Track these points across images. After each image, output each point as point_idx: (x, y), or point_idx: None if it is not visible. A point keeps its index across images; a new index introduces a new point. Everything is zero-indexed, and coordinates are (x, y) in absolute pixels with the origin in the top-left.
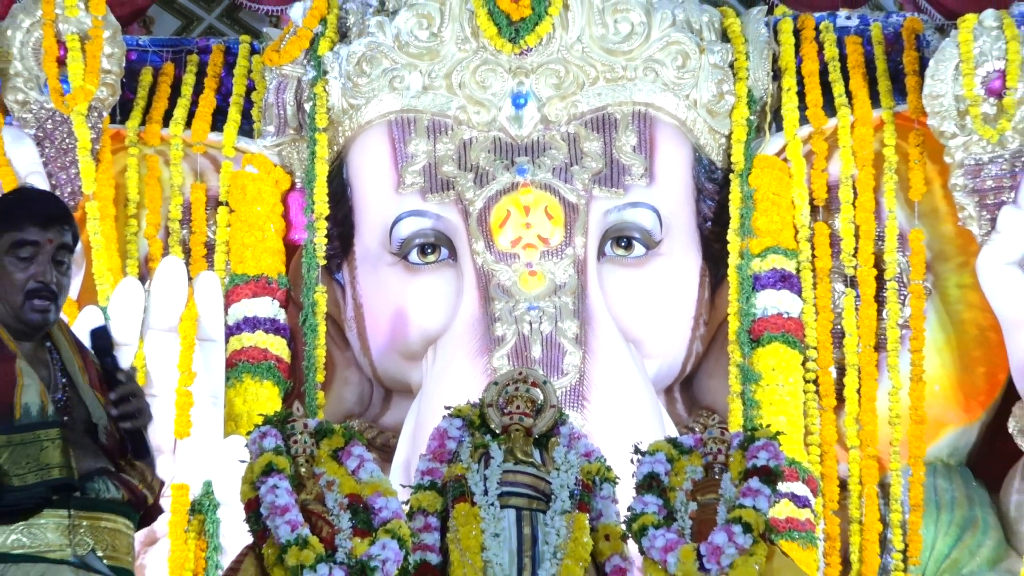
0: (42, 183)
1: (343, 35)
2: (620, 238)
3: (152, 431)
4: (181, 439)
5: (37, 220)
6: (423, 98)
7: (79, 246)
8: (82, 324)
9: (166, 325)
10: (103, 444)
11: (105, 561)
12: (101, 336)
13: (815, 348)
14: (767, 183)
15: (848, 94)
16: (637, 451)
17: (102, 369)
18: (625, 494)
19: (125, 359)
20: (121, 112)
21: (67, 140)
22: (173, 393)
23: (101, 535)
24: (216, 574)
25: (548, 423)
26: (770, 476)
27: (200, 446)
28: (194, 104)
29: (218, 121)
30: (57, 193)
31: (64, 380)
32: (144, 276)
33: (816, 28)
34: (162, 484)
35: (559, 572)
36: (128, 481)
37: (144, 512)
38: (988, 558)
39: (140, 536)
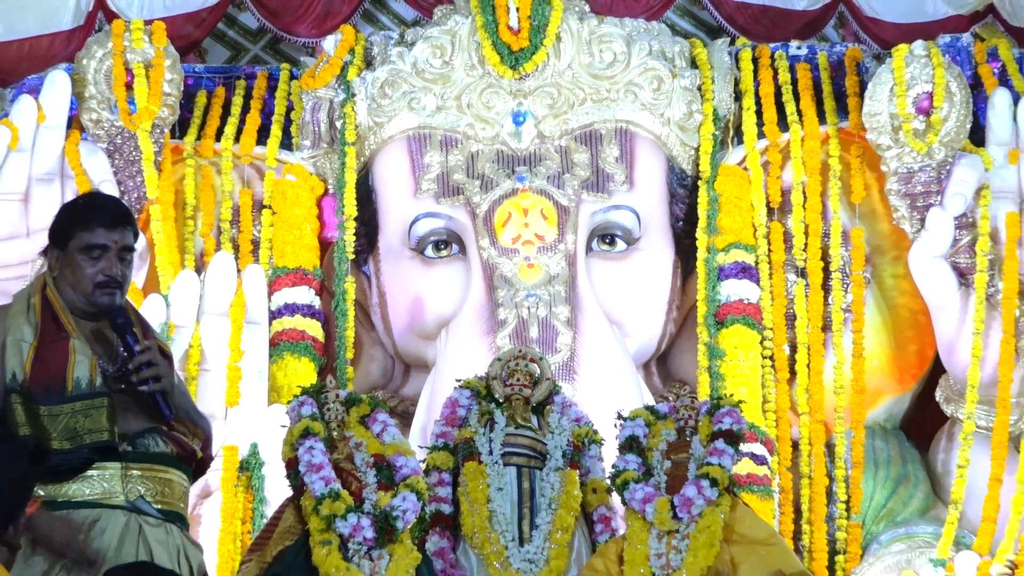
0: (112, 190)
1: (368, 63)
2: (605, 235)
3: (205, 397)
4: (231, 407)
5: (104, 222)
6: (437, 116)
7: (143, 242)
8: (146, 311)
9: (218, 310)
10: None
11: (157, 505)
12: (116, 314)
13: (771, 329)
14: (730, 188)
15: (799, 112)
16: (620, 417)
17: (124, 345)
18: (609, 454)
19: (183, 339)
20: (179, 129)
21: (134, 153)
22: (224, 368)
23: (153, 483)
24: (261, 522)
25: (544, 393)
26: (733, 438)
27: (247, 413)
28: (242, 122)
29: (262, 136)
30: (125, 198)
31: (123, 358)
32: (199, 269)
33: (771, 56)
34: (210, 446)
35: (553, 520)
36: (178, 438)
37: (197, 464)
38: (919, 508)
39: (195, 490)
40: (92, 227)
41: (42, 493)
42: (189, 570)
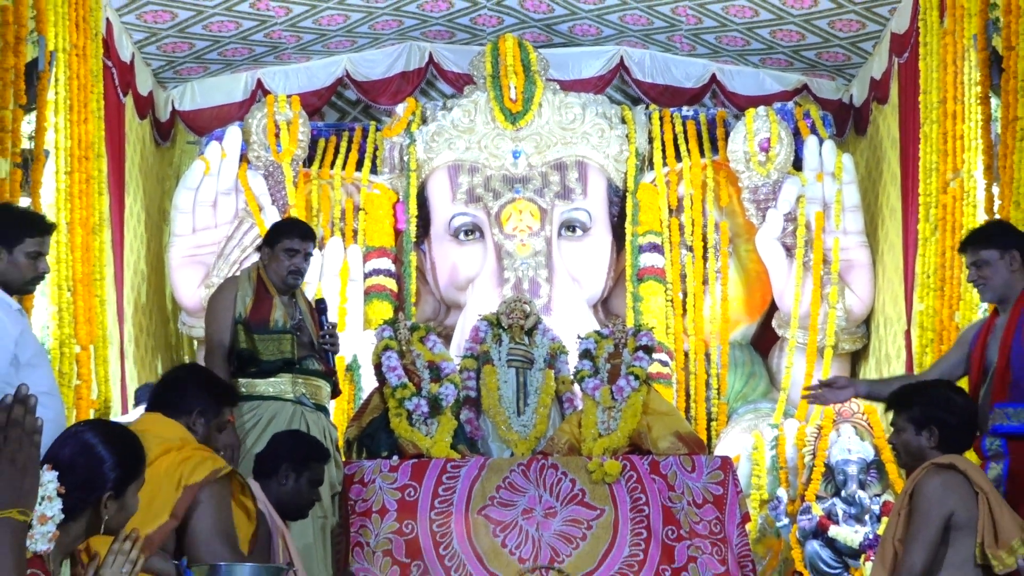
0: (267, 200)
1: (424, 120)
2: (569, 226)
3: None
4: (341, 332)
5: (299, 235)
6: (466, 154)
7: None
8: None
9: (332, 273)
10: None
11: (312, 400)
12: (320, 303)
13: (671, 283)
14: (646, 197)
15: (688, 150)
16: (579, 337)
17: (318, 321)
18: (572, 359)
19: (310, 292)
20: (308, 161)
21: (280, 176)
22: (336, 308)
23: (311, 388)
24: (358, 402)
25: (532, 323)
26: (648, 350)
27: (351, 336)
28: (346, 157)
29: (359, 166)
30: (275, 205)
31: (300, 317)
32: (320, 247)
33: (671, 116)
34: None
35: (538, 401)
36: (326, 362)
37: (333, 387)
38: (762, 392)
39: None
40: (293, 237)
41: (244, 389)
42: (331, 441)
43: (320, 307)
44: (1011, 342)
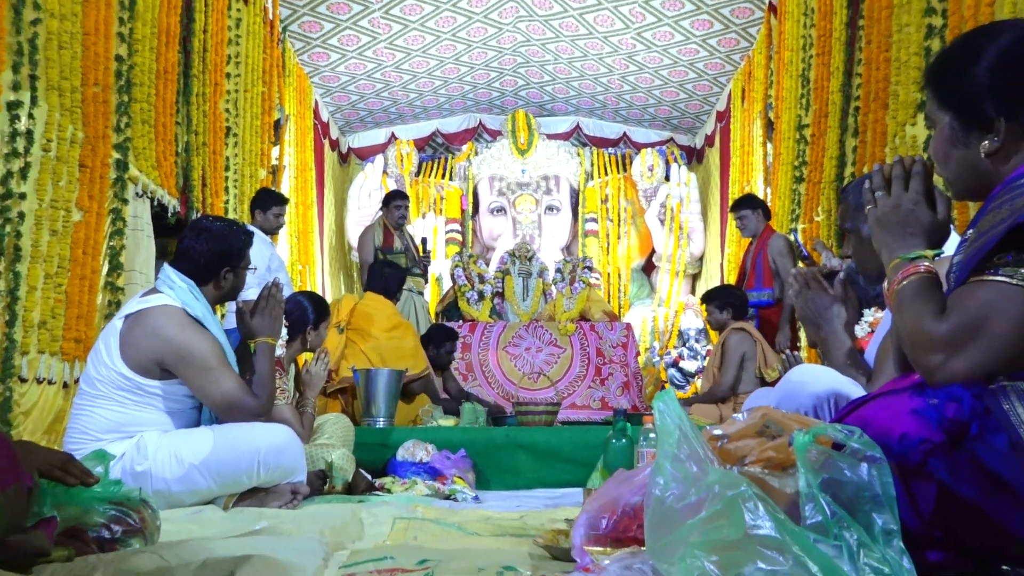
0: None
1: (476, 153)
2: (550, 208)
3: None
4: (433, 259)
5: (399, 197)
6: (497, 171)
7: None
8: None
9: (429, 230)
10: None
11: (417, 290)
12: (424, 240)
13: (600, 238)
14: (589, 196)
15: (611, 170)
16: (555, 263)
17: (422, 248)
18: (551, 274)
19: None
20: (417, 173)
21: (403, 182)
22: (432, 246)
23: (417, 284)
24: (442, 294)
25: (530, 255)
26: (590, 269)
27: (438, 261)
28: (436, 171)
29: (443, 176)
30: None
31: (407, 243)
32: (423, 217)
33: (603, 152)
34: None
35: (534, 294)
36: (424, 270)
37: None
38: (647, 294)
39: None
40: (397, 199)
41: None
42: (426, 312)
43: (424, 241)
44: (755, 258)
